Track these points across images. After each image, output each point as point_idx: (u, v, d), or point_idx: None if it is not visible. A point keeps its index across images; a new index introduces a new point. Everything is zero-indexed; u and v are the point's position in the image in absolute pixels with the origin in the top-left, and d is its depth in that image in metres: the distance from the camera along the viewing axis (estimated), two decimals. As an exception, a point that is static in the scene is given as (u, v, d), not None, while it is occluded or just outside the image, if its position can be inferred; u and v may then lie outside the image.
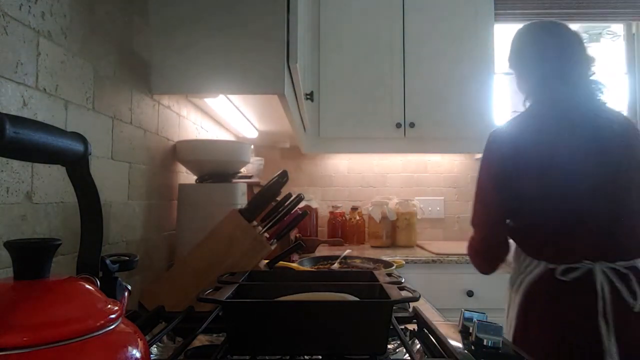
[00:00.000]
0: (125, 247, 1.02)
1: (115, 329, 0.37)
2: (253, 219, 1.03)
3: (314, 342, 0.61)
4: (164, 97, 1.26)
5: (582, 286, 1.10)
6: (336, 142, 2.44)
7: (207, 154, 1.29)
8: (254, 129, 1.98)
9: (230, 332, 0.61)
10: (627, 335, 1.06)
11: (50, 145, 0.38)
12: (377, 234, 2.51)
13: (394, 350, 0.71)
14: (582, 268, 1.11)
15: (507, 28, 2.84)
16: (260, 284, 0.78)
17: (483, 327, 0.68)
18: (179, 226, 1.26)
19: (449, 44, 2.42)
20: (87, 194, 0.44)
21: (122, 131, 1.00)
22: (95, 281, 0.44)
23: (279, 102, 1.25)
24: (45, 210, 0.73)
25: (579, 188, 1.15)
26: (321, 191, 2.76)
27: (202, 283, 0.96)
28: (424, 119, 2.39)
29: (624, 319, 1.07)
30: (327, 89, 2.40)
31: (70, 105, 0.80)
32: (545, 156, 1.17)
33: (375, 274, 0.79)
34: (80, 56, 0.83)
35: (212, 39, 1.13)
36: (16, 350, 0.30)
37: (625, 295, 1.07)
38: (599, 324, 1.06)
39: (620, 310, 1.07)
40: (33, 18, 0.70)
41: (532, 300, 1.16)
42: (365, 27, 2.42)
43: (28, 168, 0.69)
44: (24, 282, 0.37)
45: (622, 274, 1.10)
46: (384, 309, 0.61)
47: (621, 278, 1.09)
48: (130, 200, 1.05)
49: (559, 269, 1.13)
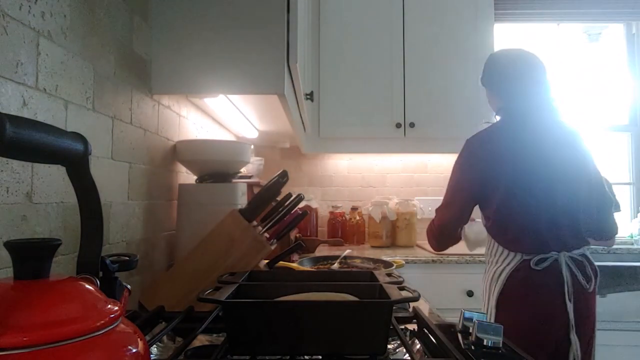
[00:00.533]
0: (125, 247, 1.02)
1: (115, 329, 0.37)
2: (253, 219, 1.03)
3: (314, 342, 0.61)
4: (164, 97, 1.26)
5: (551, 273, 1.35)
6: (336, 142, 2.44)
7: (207, 154, 1.29)
8: (254, 129, 1.98)
9: (230, 332, 0.61)
10: (580, 308, 1.34)
11: (50, 145, 0.38)
12: (377, 234, 2.51)
13: (394, 350, 0.71)
14: (551, 258, 1.36)
15: (507, 28, 2.84)
16: (260, 284, 0.78)
17: (483, 327, 0.68)
18: (179, 226, 1.26)
19: (449, 44, 2.42)
20: (87, 194, 0.44)
21: (122, 131, 1.00)
22: (95, 281, 0.44)
23: (279, 102, 1.25)
24: (45, 210, 0.73)
25: (545, 188, 1.38)
26: (321, 191, 2.76)
27: (202, 283, 0.96)
28: (424, 119, 2.39)
29: (580, 297, 1.35)
30: (327, 89, 2.40)
31: (70, 105, 0.80)
32: (518, 160, 1.39)
33: (375, 274, 0.79)
34: (80, 56, 0.83)
35: (212, 39, 1.13)
36: (16, 350, 0.30)
37: (580, 279, 1.35)
38: (565, 302, 1.33)
39: (578, 291, 1.35)
40: (33, 18, 0.70)
41: (512, 286, 1.38)
42: (366, 27, 2.42)
43: (28, 168, 0.69)
44: (24, 282, 0.37)
45: (579, 262, 1.37)
46: (384, 309, 0.61)
47: (578, 265, 1.36)
48: (130, 200, 1.05)
49: (534, 259, 1.36)
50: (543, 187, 1.38)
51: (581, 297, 1.35)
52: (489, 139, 1.45)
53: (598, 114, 2.85)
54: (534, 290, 1.35)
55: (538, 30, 2.89)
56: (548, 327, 1.34)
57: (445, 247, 1.61)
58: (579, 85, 2.86)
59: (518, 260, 1.38)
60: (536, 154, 1.39)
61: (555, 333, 1.33)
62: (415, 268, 2.08)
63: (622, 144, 2.85)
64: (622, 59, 2.85)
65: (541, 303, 1.34)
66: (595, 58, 2.89)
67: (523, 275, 1.36)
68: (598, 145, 2.84)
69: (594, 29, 2.91)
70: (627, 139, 2.84)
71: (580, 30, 2.91)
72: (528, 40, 2.89)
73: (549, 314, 1.34)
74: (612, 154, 2.85)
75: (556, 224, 1.37)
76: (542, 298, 1.34)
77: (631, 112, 2.83)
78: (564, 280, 1.33)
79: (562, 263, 1.35)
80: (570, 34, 2.89)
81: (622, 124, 2.84)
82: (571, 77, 2.86)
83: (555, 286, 1.34)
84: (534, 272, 1.35)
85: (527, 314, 1.35)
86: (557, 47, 2.87)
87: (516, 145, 1.40)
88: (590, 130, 2.83)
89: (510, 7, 2.74)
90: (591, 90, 2.86)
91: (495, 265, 1.44)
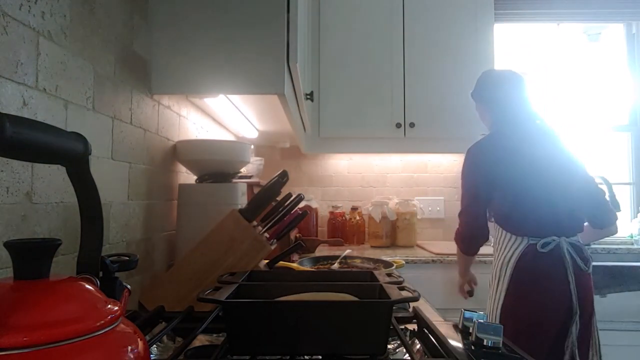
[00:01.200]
0: (125, 247, 1.02)
1: (115, 329, 0.37)
2: (253, 219, 1.03)
3: (314, 342, 0.61)
4: (164, 97, 1.26)
5: (555, 256, 1.55)
6: (336, 142, 2.44)
7: (207, 154, 1.29)
8: (254, 129, 1.98)
9: (230, 332, 0.61)
10: (580, 287, 1.54)
11: (50, 145, 0.38)
12: (377, 234, 2.51)
13: (394, 350, 0.71)
14: (553, 242, 1.56)
15: (507, 28, 2.84)
16: (260, 284, 0.78)
17: (483, 327, 0.68)
18: (179, 226, 1.26)
19: (449, 44, 2.42)
20: (87, 194, 0.44)
21: (122, 131, 1.00)
22: (95, 281, 0.44)
23: (279, 102, 1.25)
24: (45, 210, 0.73)
25: (540, 181, 1.60)
26: (321, 191, 2.76)
27: (202, 283, 0.96)
28: (424, 119, 2.39)
29: (579, 277, 1.55)
30: (327, 89, 2.40)
31: (70, 105, 0.80)
32: (518, 160, 1.63)
33: (375, 274, 0.79)
34: (80, 56, 0.83)
35: (212, 39, 1.13)
36: (16, 350, 0.30)
37: (579, 262, 1.55)
38: (569, 281, 1.52)
39: (577, 272, 1.55)
40: (33, 18, 0.70)
41: (522, 270, 1.57)
42: (366, 27, 2.42)
43: (28, 168, 0.69)
44: (24, 282, 0.37)
45: (576, 246, 1.58)
46: (384, 309, 0.61)
47: (575, 250, 1.57)
48: (130, 200, 1.05)
49: (540, 242, 1.56)
50: (538, 180, 1.60)
51: (580, 277, 1.55)
52: (487, 145, 1.70)
53: (598, 114, 2.85)
54: (541, 272, 1.54)
55: (538, 30, 2.89)
56: (556, 306, 1.53)
57: (475, 248, 1.74)
58: (579, 85, 2.86)
59: (525, 244, 1.58)
60: (528, 153, 1.62)
61: (561, 311, 1.52)
62: (415, 268, 2.08)
63: (622, 144, 2.85)
64: (622, 59, 2.85)
65: (549, 284, 1.53)
66: (595, 58, 2.89)
67: (531, 258, 1.56)
68: (598, 145, 2.85)
69: (593, 29, 2.91)
70: (627, 138, 2.84)
71: (580, 30, 2.91)
72: (528, 40, 2.89)
73: (556, 294, 1.53)
74: (612, 154, 2.85)
75: (553, 210, 1.59)
76: (549, 280, 1.53)
77: (631, 112, 2.83)
78: (567, 262, 1.53)
79: (563, 247, 1.55)
80: (570, 34, 2.89)
81: (622, 124, 2.84)
82: (571, 77, 2.86)
83: (560, 268, 1.54)
84: (540, 256, 1.54)
85: (538, 295, 1.53)
86: (557, 47, 2.87)
87: (511, 149, 1.64)
88: (590, 130, 2.83)
89: (510, 7, 2.74)
90: (591, 90, 2.86)
91: (504, 252, 1.63)
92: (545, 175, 1.61)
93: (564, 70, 2.85)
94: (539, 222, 1.58)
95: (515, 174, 1.62)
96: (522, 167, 1.61)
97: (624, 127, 2.84)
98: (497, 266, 1.65)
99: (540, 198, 1.59)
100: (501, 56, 2.75)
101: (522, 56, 2.88)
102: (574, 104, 2.84)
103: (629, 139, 2.83)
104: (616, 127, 2.84)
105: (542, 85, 2.85)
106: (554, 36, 2.87)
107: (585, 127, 2.83)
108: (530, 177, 1.61)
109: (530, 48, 2.89)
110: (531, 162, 1.61)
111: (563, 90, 2.84)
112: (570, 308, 1.52)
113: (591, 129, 2.83)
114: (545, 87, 2.85)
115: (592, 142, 2.85)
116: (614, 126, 2.84)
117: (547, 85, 2.85)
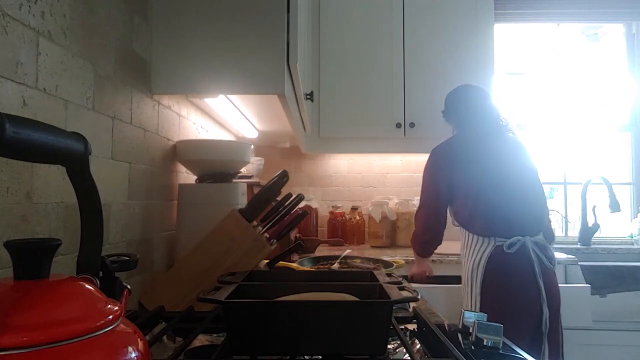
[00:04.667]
0: (125, 247, 1.02)
1: (115, 329, 0.37)
2: (253, 219, 1.03)
3: (314, 342, 0.61)
4: (164, 97, 1.26)
5: (522, 255, 1.59)
6: (336, 142, 2.44)
7: (207, 154, 1.29)
8: (254, 129, 1.98)
9: (230, 332, 0.61)
10: (548, 284, 1.59)
11: (50, 145, 0.38)
12: (377, 234, 2.51)
13: (394, 350, 0.71)
14: (519, 242, 1.59)
15: (507, 28, 2.84)
16: (260, 284, 0.78)
17: (483, 327, 0.68)
18: (179, 226, 1.26)
19: (449, 44, 2.42)
20: (87, 194, 0.44)
21: (122, 131, 1.00)
22: (95, 281, 0.44)
23: (279, 102, 1.25)
24: (45, 210, 0.73)
25: (502, 184, 1.67)
26: (321, 191, 2.76)
27: (202, 283, 0.96)
28: (424, 119, 2.39)
29: (546, 275, 1.60)
30: (327, 89, 2.40)
31: (70, 105, 0.80)
32: (481, 162, 1.70)
33: (375, 274, 0.79)
34: (80, 56, 0.83)
35: (212, 39, 1.13)
36: (16, 350, 0.30)
37: (544, 260, 1.61)
38: (537, 279, 1.57)
39: (544, 270, 1.60)
40: (33, 18, 0.70)
41: (492, 272, 1.59)
42: (366, 27, 2.42)
43: (28, 168, 0.69)
44: (24, 282, 0.37)
45: (541, 245, 1.63)
46: (384, 309, 0.61)
47: (540, 248, 1.62)
48: (130, 200, 1.05)
49: (506, 243, 1.59)
50: (500, 183, 1.67)
51: (547, 275, 1.61)
52: (450, 148, 1.78)
53: (598, 114, 2.85)
54: (511, 272, 1.58)
55: (538, 30, 2.89)
56: (527, 303, 1.58)
57: (429, 250, 1.83)
58: (579, 85, 2.86)
59: (492, 246, 1.61)
60: (491, 158, 1.71)
61: (532, 307, 1.58)
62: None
63: (622, 144, 2.85)
64: (622, 59, 2.85)
65: (519, 283, 1.58)
66: (595, 58, 2.89)
67: (500, 260, 1.59)
68: (598, 145, 2.85)
69: (593, 29, 2.90)
70: (627, 139, 2.84)
71: (580, 30, 2.91)
72: (528, 40, 2.89)
73: (526, 292, 1.58)
74: (612, 154, 2.85)
75: (516, 211, 1.63)
76: (519, 279, 1.58)
77: (631, 112, 2.83)
78: (533, 261, 1.58)
79: (529, 247, 1.59)
80: (570, 34, 2.89)
81: (623, 123, 2.84)
82: (571, 77, 2.86)
83: (527, 267, 1.59)
84: (508, 257, 1.58)
85: (509, 294, 1.57)
86: (557, 47, 2.87)
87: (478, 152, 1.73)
88: (590, 130, 2.83)
89: (510, 7, 2.73)
90: (591, 90, 2.86)
91: (472, 256, 1.66)
92: (507, 178, 1.68)
93: (564, 71, 2.85)
94: (503, 222, 1.62)
95: (477, 178, 1.68)
96: (484, 170, 1.68)
97: (625, 127, 2.84)
98: (467, 270, 1.67)
99: (502, 198, 1.64)
100: (501, 56, 2.75)
101: (522, 56, 2.88)
102: (574, 104, 2.84)
103: (629, 139, 2.83)
104: (616, 127, 2.84)
105: (542, 86, 2.85)
106: (554, 36, 2.87)
107: (586, 127, 2.83)
108: (492, 180, 1.67)
109: (530, 48, 2.89)
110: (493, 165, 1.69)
111: (563, 91, 2.84)
112: (542, 308, 1.56)
113: (591, 129, 2.83)
114: (545, 87, 2.85)
115: (592, 142, 2.85)
116: (614, 126, 2.84)
117: (547, 86, 2.85)
